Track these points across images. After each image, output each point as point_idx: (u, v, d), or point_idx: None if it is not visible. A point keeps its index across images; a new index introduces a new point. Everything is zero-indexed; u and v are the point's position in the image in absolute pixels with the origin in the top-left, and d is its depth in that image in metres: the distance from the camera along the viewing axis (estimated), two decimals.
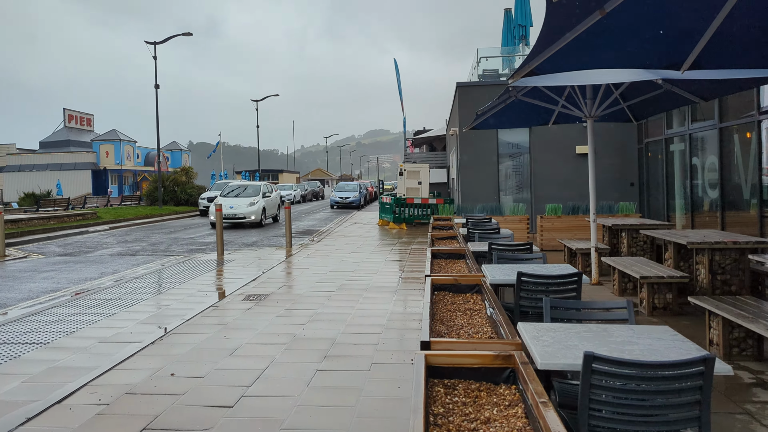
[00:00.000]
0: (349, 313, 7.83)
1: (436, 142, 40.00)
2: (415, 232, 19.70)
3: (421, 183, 24.54)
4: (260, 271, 11.61)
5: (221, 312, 8.07)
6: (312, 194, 55.69)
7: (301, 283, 10.21)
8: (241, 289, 9.76)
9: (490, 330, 4.02)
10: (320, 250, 15.06)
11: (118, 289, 9.90)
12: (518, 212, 15.07)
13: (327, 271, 11.49)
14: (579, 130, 17.71)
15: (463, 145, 18.16)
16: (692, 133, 12.07)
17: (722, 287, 7.42)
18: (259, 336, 6.77)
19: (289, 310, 8.14)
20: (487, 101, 18.44)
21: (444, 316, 4.61)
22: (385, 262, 12.61)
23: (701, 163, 11.81)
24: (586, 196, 17.67)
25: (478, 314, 4.62)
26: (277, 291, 9.53)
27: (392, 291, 9.37)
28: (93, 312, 8.16)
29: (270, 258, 13.61)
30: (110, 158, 59.00)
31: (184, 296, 9.21)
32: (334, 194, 38.66)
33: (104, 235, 20.71)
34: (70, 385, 5.21)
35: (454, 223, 12.32)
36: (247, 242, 17.72)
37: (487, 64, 20.61)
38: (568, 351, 2.96)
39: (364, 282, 10.23)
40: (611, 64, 6.86)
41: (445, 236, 9.84)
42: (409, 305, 8.32)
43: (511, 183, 18.21)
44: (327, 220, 27.06)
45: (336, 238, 18.19)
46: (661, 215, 14.29)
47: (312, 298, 8.94)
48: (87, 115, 65.65)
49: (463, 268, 7.01)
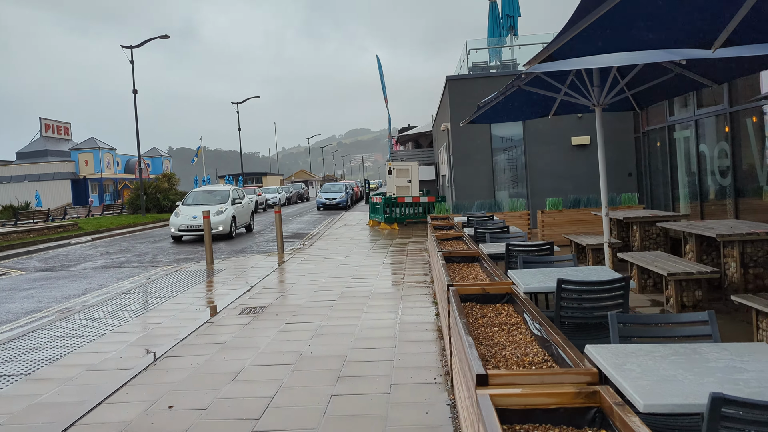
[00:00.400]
0: (356, 325, 7.27)
1: (422, 138, 39.51)
2: (409, 232, 19.17)
3: (410, 181, 24.01)
4: (254, 280, 11.00)
5: (217, 329, 7.48)
6: (297, 196, 54.97)
7: (299, 293, 9.63)
8: (235, 301, 9.16)
9: (541, 351, 3.48)
10: (314, 254, 14.47)
11: (104, 306, 9.26)
12: (518, 208, 14.60)
13: (324, 278, 10.92)
14: (574, 122, 17.30)
15: (455, 141, 17.66)
16: (699, 119, 11.65)
17: (755, 281, 6.98)
18: (262, 356, 6.19)
19: (290, 323, 7.56)
20: (479, 94, 18.06)
21: (479, 333, 4.08)
22: (383, 266, 12.07)
23: (710, 150, 11.39)
24: (583, 188, 17.35)
25: (517, 329, 4.09)
26: (274, 302, 8.94)
27: (397, 298, 8.82)
28: (78, 335, 7.52)
29: (262, 265, 13.00)
30: (90, 167, 57.78)
31: (176, 312, 8.59)
32: (320, 195, 38.04)
33: (87, 247, 19.94)
34: (54, 427, 4.60)
35: (455, 222, 11.81)
36: (237, 249, 17.09)
37: (475, 56, 20.13)
38: (669, 385, 2.43)
39: (365, 289, 9.68)
40: (635, 45, 6.38)
41: (450, 237, 9.32)
42: (419, 313, 7.78)
43: (506, 177, 17.75)
44: (316, 223, 26.45)
45: (328, 241, 17.60)
46: (664, 205, 13.89)
47: (313, 309, 8.36)
48: (64, 123, 64.28)
49: (479, 273, 6.48)
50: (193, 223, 19.53)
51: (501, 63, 19.58)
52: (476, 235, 9.00)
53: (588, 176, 17.18)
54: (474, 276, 6.40)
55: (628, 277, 4.23)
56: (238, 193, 22.19)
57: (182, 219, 19.80)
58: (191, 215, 19.72)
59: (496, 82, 17.53)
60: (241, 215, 21.46)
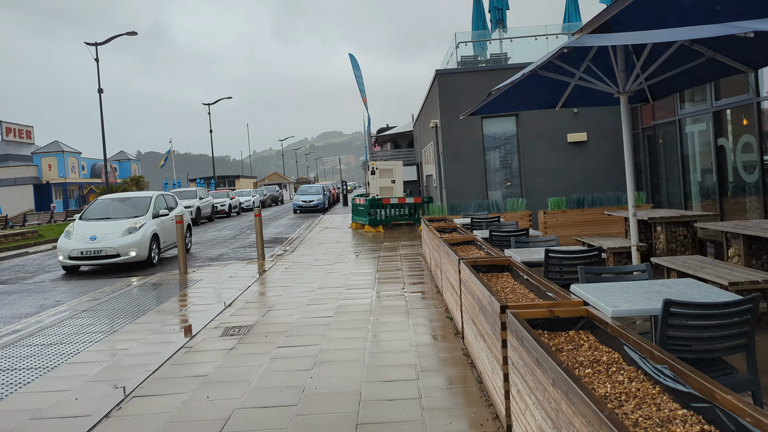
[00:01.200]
0: (363, 349, 6.12)
1: (401, 139, 38.47)
2: (395, 235, 18.05)
3: (394, 181, 22.93)
4: (235, 292, 9.76)
5: (196, 356, 6.25)
6: (271, 199, 53.47)
7: (289, 307, 8.43)
8: (216, 319, 7.93)
9: (688, 413, 2.38)
10: (298, 261, 13.26)
11: (61, 328, 7.93)
12: (518, 208, 13.59)
13: (314, 289, 9.73)
14: (569, 117, 16.38)
15: (445, 137, 16.59)
16: (718, 110, 10.75)
17: None
18: (256, 394, 5.00)
19: (283, 348, 6.37)
20: (470, 88, 17.04)
21: None
22: (378, 274, 10.92)
23: (732, 143, 10.50)
24: (579, 187, 16.40)
25: (618, 371, 2.98)
26: (261, 320, 7.73)
27: (403, 312, 7.69)
28: (26, 367, 6.22)
29: (243, 275, 11.74)
30: (53, 171, 55.44)
31: (146, 334, 7.33)
32: (296, 198, 36.69)
33: (46, 257, 18.37)
34: None
35: (457, 224, 10.72)
36: (212, 256, 15.77)
37: (463, 51, 19.09)
38: None
39: (363, 302, 8.52)
40: (705, 18, 5.46)
41: (460, 241, 8.22)
42: (434, 331, 6.66)
43: (499, 177, 16.74)
44: (294, 226, 25.18)
45: (311, 246, 16.39)
46: (674, 204, 13.00)
47: (308, 327, 7.18)
48: (26, 127, 61.73)
49: (517, 286, 5.38)
50: (92, 246, 13.47)
51: (492, 57, 18.58)
52: (492, 239, 7.90)
53: (585, 175, 16.28)
54: (510, 288, 5.29)
55: (756, 297, 3.17)
56: (165, 201, 16.02)
57: (75, 242, 13.61)
58: (89, 235, 13.69)
59: (488, 76, 16.53)
60: (167, 232, 15.29)
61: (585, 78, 8.47)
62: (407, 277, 10.40)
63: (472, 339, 5.31)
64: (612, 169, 16.20)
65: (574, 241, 10.87)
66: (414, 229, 19.26)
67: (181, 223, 12.47)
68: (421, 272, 10.81)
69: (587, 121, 16.37)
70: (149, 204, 15.07)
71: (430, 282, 9.76)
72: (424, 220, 12.31)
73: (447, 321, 7.07)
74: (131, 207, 15.05)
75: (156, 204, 15.28)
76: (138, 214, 14.67)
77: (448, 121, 16.54)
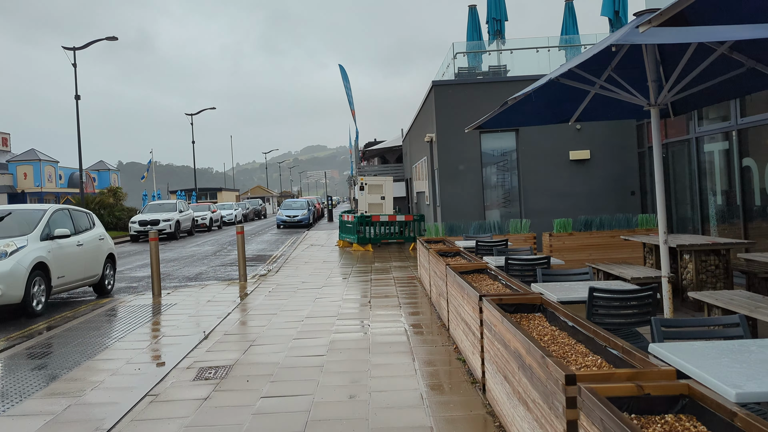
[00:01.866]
0: (365, 401, 5.09)
1: (389, 154, 37.58)
2: (385, 255, 17.05)
3: (384, 198, 21.94)
4: (213, 321, 8.68)
5: (163, 409, 5.17)
6: (254, 213, 52.26)
7: (274, 341, 7.38)
8: (189, 355, 6.85)
9: None
10: (283, 283, 12.19)
11: (2, 368, 6.80)
12: (522, 230, 12.66)
13: (302, 318, 8.69)
14: (572, 134, 15.55)
15: (442, 153, 15.68)
16: (744, 128, 9.94)
17: None
18: None
19: (268, 398, 5.32)
20: (468, 100, 16.16)
21: None
22: (372, 300, 9.90)
23: (760, 165, 9.67)
24: (582, 208, 15.50)
25: None
26: (242, 358, 6.67)
27: (406, 351, 6.67)
28: None
29: (222, 299, 10.65)
30: (29, 180, 53.77)
31: (105, 376, 6.23)
32: (280, 212, 35.58)
33: None
34: None
35: (460, 248, 9.75)
36: (190, 275, 14.64)
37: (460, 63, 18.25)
38: None
39: (358, 335, 7.50)
40: None
41: (470, 269, 7.24)
42: (446, 377, 5.65)
43: (497, 195, 15.83)
44: (278, 243, 24.07)
45: (296, 265, 15.32)
46: (685, 228, 12.15)
47: (296, 370, 6.14)
48: (2, 134, 60.02)
49: (557, 333, 4.39)
50: None
51: (490, 69, 17.75)
52: (507, 268, 6.92)
53: (588, 195, 15.40)
54: (551, 338, 4.30)
55: None
56: (75, 218, 11.63)
57: None
58: None
59: (488, 88, 15.70)
60: (70, 263, 10.82)
61: (607, 87, 7.55)
62: (405, 305, 9.38)
63: (504, 399, 4.31)
64: (617, 188, 15.38)
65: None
66: (404, 249, 18.28)
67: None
68: (417, 299, 9.81)
69: (590, 138, 15.55)
70: (39, 220, 10.47)
71: (429, 311, 8.76)
72: (421, 241, 11.33)
73: (458, 364, 6.07)
74: (14, 223, 10.51)
75: (51, 221, 10.67)
76: (20, 233, 10.12)
77: (444, 135, 15.64)
